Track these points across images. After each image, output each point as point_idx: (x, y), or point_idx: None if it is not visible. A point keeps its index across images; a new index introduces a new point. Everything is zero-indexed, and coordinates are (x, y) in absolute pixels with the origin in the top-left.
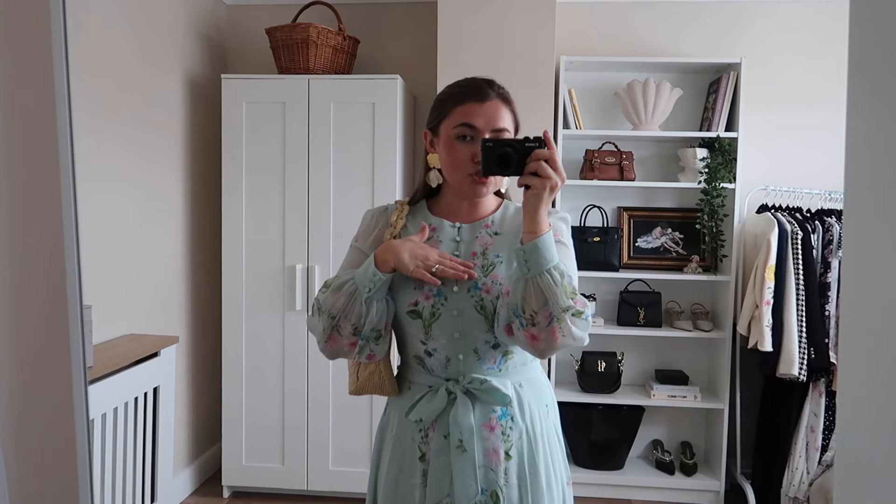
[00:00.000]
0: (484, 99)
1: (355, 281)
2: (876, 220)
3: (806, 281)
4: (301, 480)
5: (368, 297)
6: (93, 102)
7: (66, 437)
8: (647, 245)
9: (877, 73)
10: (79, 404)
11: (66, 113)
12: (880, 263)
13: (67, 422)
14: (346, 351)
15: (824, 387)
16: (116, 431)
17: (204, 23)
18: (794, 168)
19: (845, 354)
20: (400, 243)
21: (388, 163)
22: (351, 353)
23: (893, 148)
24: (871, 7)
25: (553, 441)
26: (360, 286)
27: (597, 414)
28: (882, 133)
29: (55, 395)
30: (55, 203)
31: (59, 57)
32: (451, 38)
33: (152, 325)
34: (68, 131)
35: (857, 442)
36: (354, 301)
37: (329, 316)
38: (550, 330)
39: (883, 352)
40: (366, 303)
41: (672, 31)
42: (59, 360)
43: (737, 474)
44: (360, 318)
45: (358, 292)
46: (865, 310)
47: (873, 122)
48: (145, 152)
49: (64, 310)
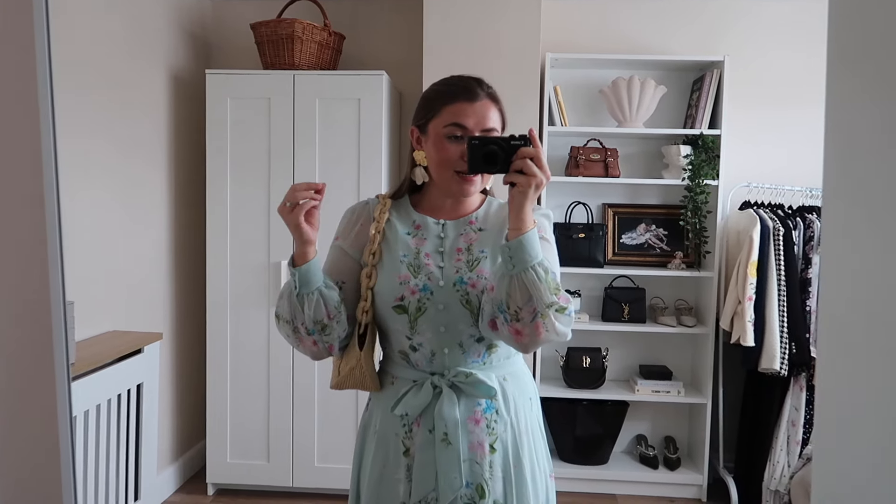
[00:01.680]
0: (474, 99)
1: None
2: (853, 215)
3: (787, 277)
4: (286, 477)
5: (298, 294)
6: (76, 97)
7: (49, 435)
8: (631, 241)
9: (855, 69)
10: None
11: (49, 107)
12: (857, 258)
13: (50, 419)
14: (317, 350)
15: (805, 381)
16: (99, 429)
17: (188, 18)
18: (776, 165)
19: (823, 348)
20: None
21: (374, 159)
22: (320, 351)
23: (870, 144)
24: (849, 5)
25: (536, 433)
26: (291, 286)
27: (582, 409)
28: (860, 129)
29: (38, 393)
30: (37, 199)
31: (41, 51)
32: (436, 34)
33: (136, 321)
34: (51, 126)
35: (834, 434)
36: (292, 301)
37: (285, 321)
38: (534, 325)
39: (859, 346)
40: (298, 299)
41: (656, 29)
42: (41, 356)
43: (719, 468)
44: (302, 315)
45: (292, 292)
46: (842, 304)
47: (851, 119)
48: (129, 147)
49: (46, 306)
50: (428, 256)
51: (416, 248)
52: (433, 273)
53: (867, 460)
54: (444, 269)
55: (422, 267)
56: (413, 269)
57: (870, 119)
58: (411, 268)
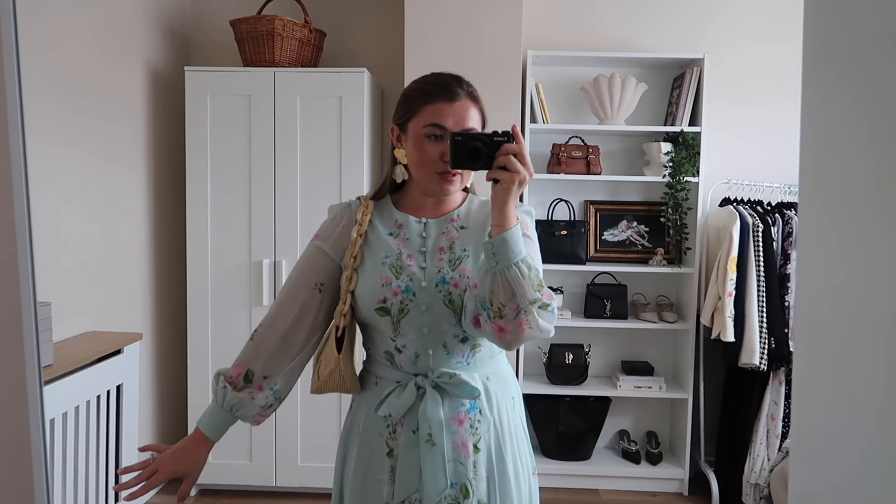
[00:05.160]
0: (454, 98)
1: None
2: (829, 211)
3: (766, 273)
4: (269, 477)
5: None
6: (47, 96)
7: (21, 439)
8: (613, 238)
9: (830, 66)
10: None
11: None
12: (833, 253)
13: (22, 423)
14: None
15: (784, 375)
16: (78, 431)
17: (166, 13)
18: (755, 162)
19: (800, 343)
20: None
21: (356, 156)
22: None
23: (846, 140)
24: (824, 3)
25: (519, 432)
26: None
27: (564, 405)
28: (835, 126)
29: (8, 396)
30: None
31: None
32: (418, 31)
33: (115, 321)
34: (19, 123)
35: (811, 428)
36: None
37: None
38: (518, 322)
39: (836, 341)
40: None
41: (637, 27)
42: (12, 359)
43: (701, 462)
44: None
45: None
46: (819, 299)
47: (827, 115)
48: (107, 146)
49: (17, 308)
50: (410, 257)
51: (398, 249)
52: (415, 274)
53: (844, 453)
54: (426, 269)
55: (404, 268)
56: (395, 270)
57: (845, 115)
58: (393, 269)
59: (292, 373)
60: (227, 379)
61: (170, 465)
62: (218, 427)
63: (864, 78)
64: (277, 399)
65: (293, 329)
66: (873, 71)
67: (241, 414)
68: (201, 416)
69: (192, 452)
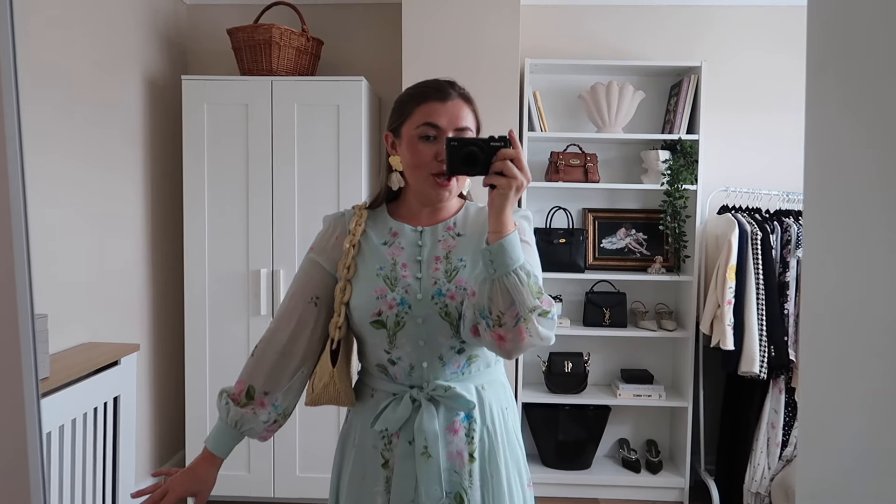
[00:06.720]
0: (445, 98)
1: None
2: (833, 219)
3: (766, 280)
4: (268, 487)
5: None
6: (45, 105)
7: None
8: (611, 246)
9: (834, 75)
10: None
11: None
12: (838, 261)
13: (19, 437)
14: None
15: (784, 384)
16: (75, 443)
17: (163, 22)
18: (753, 169)
19: (805, 351)
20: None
21: (354, 165)
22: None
23: (850, 149)
24: (828, 10)
25: (513, 442)
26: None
27: (564, 414)
28: (839, 134)
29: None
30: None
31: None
32: (415, 39)
33: (112, 332)
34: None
35: (817, 433)
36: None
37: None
38: (518, 330)
39: (841, 347)
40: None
41: (634, 35)
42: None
43: (701, 471)
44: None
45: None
46: (824, 306)
47: (831, 124)
48: (104, 155)
49: (14, 320)
50: (405, 267)
51: (392, 259)
52: (410, 285)
53: (850, 456)
54: (421, 280)
55: (399, 279)
56: (390, 281)
57: (849, 124)
58: (388, 280)
59: (295, 388)
60: (231, 396)
61: (180, 485)
62: (224, 444)
63: (868, 86)
64: (281, 415)
65: (291, 344)
66: (877, 79)
67: (247, 430)
68: (208, 435)
69: (200, 471)
